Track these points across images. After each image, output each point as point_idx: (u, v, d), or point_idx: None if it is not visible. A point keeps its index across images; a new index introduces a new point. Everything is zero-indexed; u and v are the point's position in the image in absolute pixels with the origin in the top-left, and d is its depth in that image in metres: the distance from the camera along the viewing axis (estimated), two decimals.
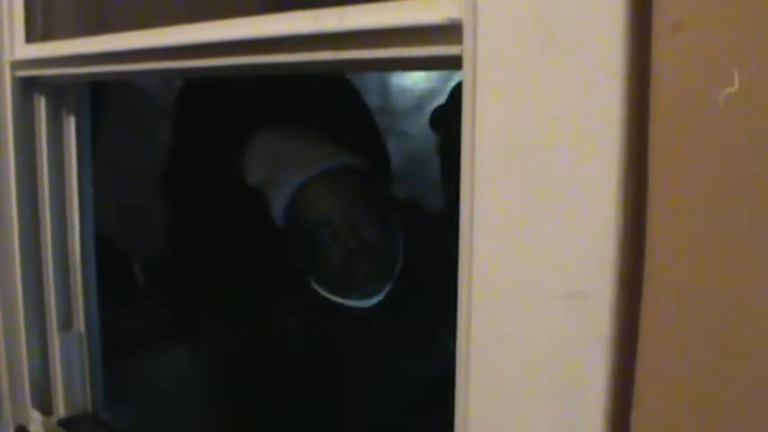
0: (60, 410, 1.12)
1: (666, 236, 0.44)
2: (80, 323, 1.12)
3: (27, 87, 1.04)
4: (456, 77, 1.40)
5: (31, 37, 1.02)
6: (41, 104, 1.05)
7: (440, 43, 0.54)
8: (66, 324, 1.11)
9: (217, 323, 1.35)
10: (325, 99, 1.16)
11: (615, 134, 0.43)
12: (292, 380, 1.25)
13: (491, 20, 0.48)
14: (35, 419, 1.11)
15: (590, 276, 0.45)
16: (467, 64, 0.50)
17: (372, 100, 1.60)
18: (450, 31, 0.52)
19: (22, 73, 1.02)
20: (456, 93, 1.27)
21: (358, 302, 1.09)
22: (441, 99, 1.38)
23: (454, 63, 0.52)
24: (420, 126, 1.59)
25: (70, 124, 1.08)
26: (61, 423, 1.11)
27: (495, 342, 0.51)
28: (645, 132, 0.43)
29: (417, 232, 1.13)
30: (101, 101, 1.20)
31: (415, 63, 0.61)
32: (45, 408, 1.12)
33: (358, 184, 1.09)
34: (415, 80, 1.77)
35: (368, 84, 1.58)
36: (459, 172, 0.52)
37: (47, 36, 1.01)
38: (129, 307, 1.38)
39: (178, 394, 1.37)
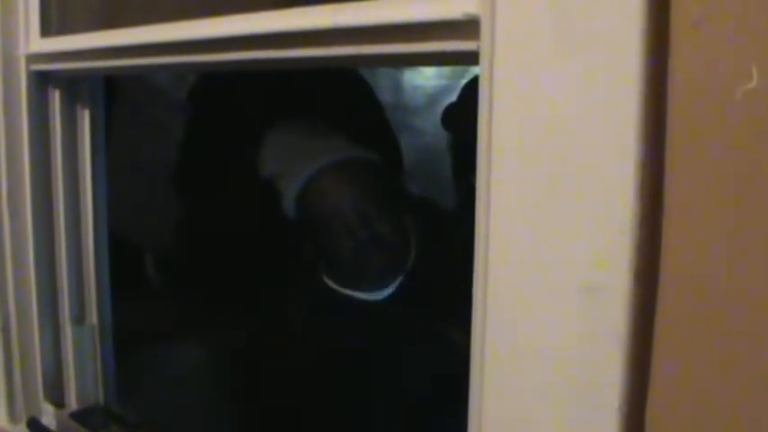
0: (73, 403, 1.13)
1: (683, 232, 0.44)
2: (93, 317, 1.13)
3: (42, 81, 1.04)
4: (468, 75, 1.40)
5: (45, 31, 1.02)
6: (56, 98, 1.06)
7: (456, 39, 0.54)
8: (78, 318, 1.11)
9: (228, 318, 1.35)
10: (338, 95, 1.17)
11: (632, 129, 0.43)
12: (304, 375, 1.25)
13: (509, 15, 0.48)
14: (47, 412, 1.11)
15: (606, 271, 0.45)
16: (484, 60, 0.50)
17: (385, 96, 1.61)
18: (467, 27, 0.52)
19: (36, 67, 1.03)
20: (467, 90, 1.28)
21: (368, 295, 1.09)
22: (452, 96, 1.38)
23: (471, 58, 0.52)
24: (432, 123, 1.59)
25: (84, 118, 1.08)
26: (73, 416, 1.11)
27: (509, 337, 0.51)
28: (662, 127, 0.43)
29: (429, 227, 1.12)
30: (114, 96, 1.20)
31: (431, 58, 0.61)
32: (57, 400, 1.12)
33: (370, 176, 1.09)
34: (427, 77, 1.77)
35: (381, 80, 1.58)
36: (470, 168, 0.53)
37: (62, 30, 1.02)
38: (141, 302, 1.38)
39: (190, 389, 1.38)
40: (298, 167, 1.06)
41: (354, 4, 0.60)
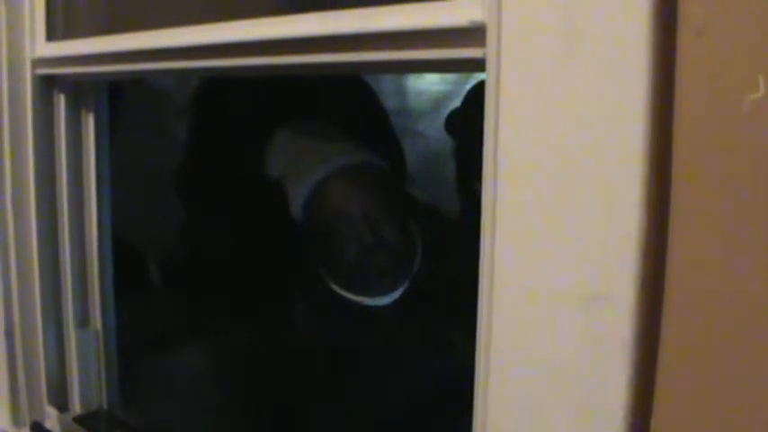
0: (76, 407, 1.13)
1: (689, 241, 0.44)
2: (97, 321, 1.13)
3: (47, 85, 1.05)
4: (472, 80, 1.40)
5: (51, 35, 1.02)
6: (61, 102, 1.06)
7: (463, 46, 0.54)
8: (82, 322, 1.11)
9: (232, 322, 1.35)
10: (343, 100, 1.17)
11: (639, 138, 0.43)
12: (307, 379, 1.25)
13: (515, 23, 0.48)
14: (51, 416, 1.11)
15: (612, 280, 0.45)
16: (490, 67, 0.50)
17: (389, 101, 1.61)
18: (474, 34, 0.52)
19: (42, 71, 1.03)
20: (471, 96, 1.28)
21: (374, 301, 1.09)
22: (456, 102, 1.38)
23: (477, 65, 0.52)
24: (435, 128, 1.59)
25: (89, 122, 1.08)
26: (77, 420, 1.11)
27: (514, 345, 0.51)
28: (669, 137, 0.43)
29: (434, 233, 1.12)
30: (118, 100, 1.20)
31: (437, 65, 0.61)
32: (61, 404, 1.12)
33: (377, 181, 1.09)
34: (430, 82, 1.77)
35: (385, 85, 1.58)
36: (474, 174, 0.53)
37: (67, 35, 1.02)
38: (144, 306, 1.38)
39: (193, 393, 1.38)
40: (307, 170, 1.06)
41: (360, 11, 0.60)
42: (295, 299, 1.29)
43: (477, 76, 1.10)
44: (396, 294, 1.08)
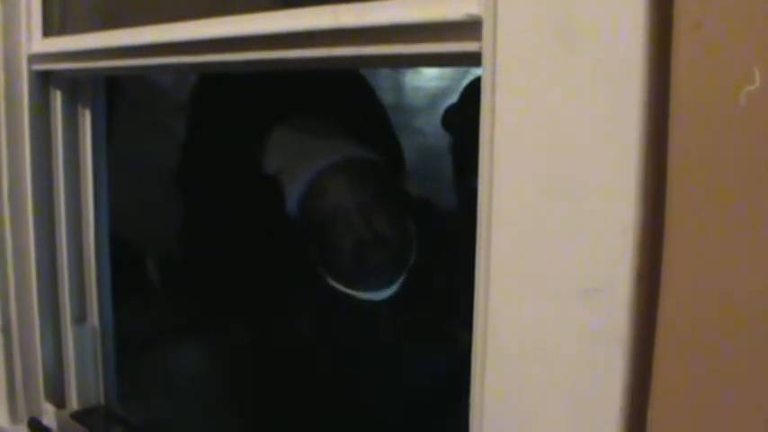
0: (73, 403, 1.13)
1: (685, 234, 0.44)
2: (94, 317, 1.13)
3: (43, 81, 1.05)
4: (469, 76, 1.40)
5: (48, 31, 1.02)
6: (57, 98, 1.06)
7: (458, 40, 0.54)
8: (79, 318, 1.11)
9: (230, 320, 1.35)
10: (340, 95, 1.16)
11: (635, 131, 0.43)
12: (305, 377, 1.25)
13: (511, 16, 0.48)
14: (48, 412, 1.11)
15: (608, 274, 0.45)
16: (486, 61, 0.50)
17: (386, 97, 1.61)
18: (469, 28, 0.52)
19: (38, 67, 1.03)
20: (468, 91, 1.28)
21: (370, 295, 1.09)
22: (453, 97, 1.38)
23: (473, 60, 0.52)
24: (433, 124, 1.59)
25: (86, 118, 1.08)
26: (74, 416, 1.11)
27: (511, 338, 0.51)
28: (665, 130, 0.43)
29: (430, 228, 1.12)
30: (115, 96, 1.20)
31: (433, 59, 0.61)
32: (58, 401, 1.12)
33: (374, 177, 1.09)
34: (428, 78, 1.77)
35: (381, 81, 1.58)
36: (471, 170, 0.52)
37: (64, 30, 1.02)
38: (142, 303, 1.38)
39: (191, 390, 1.38)
40: (302, 167, 1.06)
41: (356, 5, 0.60)
42: (294, 296, 1.29)
43: (475, 72, 1.10)
44: (392, 289, 1.08)
